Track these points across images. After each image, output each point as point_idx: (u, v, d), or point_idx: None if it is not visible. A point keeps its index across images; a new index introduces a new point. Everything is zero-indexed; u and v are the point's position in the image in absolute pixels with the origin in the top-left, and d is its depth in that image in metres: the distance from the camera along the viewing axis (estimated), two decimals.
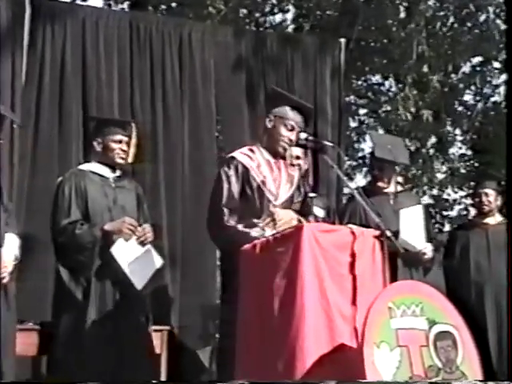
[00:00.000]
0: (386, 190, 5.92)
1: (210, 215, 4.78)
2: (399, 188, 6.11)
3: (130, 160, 5.53)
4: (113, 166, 5.44)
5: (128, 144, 5.48)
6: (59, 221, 5.19)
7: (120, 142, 5.42)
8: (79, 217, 5.22)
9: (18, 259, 5.04)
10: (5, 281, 4.85)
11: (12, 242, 5.01)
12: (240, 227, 4.53)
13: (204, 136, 7.32)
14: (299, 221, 4.61)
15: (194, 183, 7.07)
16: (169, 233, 6.94)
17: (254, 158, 4.81)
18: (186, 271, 6.99)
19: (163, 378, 6.13)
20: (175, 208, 7.07)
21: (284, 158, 5.02)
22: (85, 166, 5.49)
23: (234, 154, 4.85)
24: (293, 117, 4.80)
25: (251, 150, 4.87)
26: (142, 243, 5.22)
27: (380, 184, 5.92)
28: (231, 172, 4.72)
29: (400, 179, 6.52)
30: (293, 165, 5.62)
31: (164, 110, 7.18)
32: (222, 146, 7.49)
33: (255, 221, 4.57)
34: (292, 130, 4.79)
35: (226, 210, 4.61)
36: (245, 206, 4.66)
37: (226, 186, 4.69)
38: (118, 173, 5.49)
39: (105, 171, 5.42)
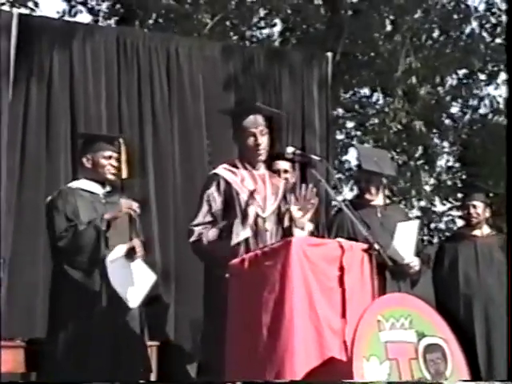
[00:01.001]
0: (373, 203, 5.92)
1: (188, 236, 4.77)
2: (387, 201, 6.12)
3: (123, 176, 5.51)
4: (102, 182, 5.42)
5: (118, 159, 5.46)
6: (59, 228, 5.13)
7: (110, 157, 5.40)
8: (76, 221, 5.18)
9: None
10: None
11: None
12: (204, 239, 4.55)
13: (194, 149, 7.31)
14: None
15: (185, 196, 7.03)
16: (161, 246, 6.91)
17: (237, 173, 4.81)
18: (179, 284, 6.95)
19: None
20: (167, 221, 7.05)
21: (270, 168, 5.04)
22: (73, 184, 5.45)
23: (216, 171, 4.85)
24: (249, 123, 4.81)
25: (234, 165, 4.87)
26: (132, 258, 5.19)
27: (367, 197, 5.92)
28: (213, 190, 4.72)
29: (387, 192, 6.54)
30: (278, 174, 5.67)
31: (153, 123, 7.18)
32: (211, 160, 7.47)
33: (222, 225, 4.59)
34: (253, 135, 4.81)
35: (194, 229, 4.61)
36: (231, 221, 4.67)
37: (205, 206, 4.69)
38: (107, 188, 5.47)
39: (94, 187, 5.40)
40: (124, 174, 5.49)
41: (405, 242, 5.54)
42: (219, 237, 4.54)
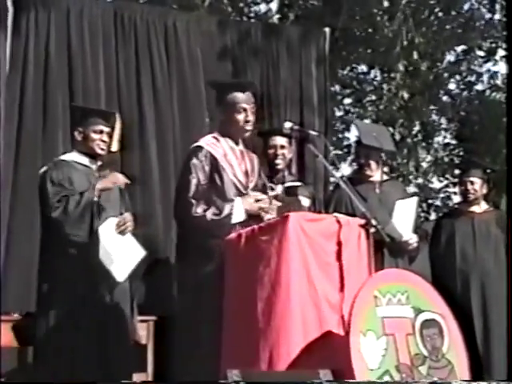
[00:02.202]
0: (371, 179, 5.92)
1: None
2: (385, 177, 6.12)
3: (114, 149, 5.50)
4: (94, 156, 5.41)
5: (110, 135, 5.44)
6: (52, 198, 5.12)
7: (101, 132, 5.37)
8: (70, 189, 5.17)
9: None
10: None
11: None
12: (209, 215, 4.56)
13: (195, 121, 7.27)
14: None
15: None
16: (164, 220, 6.88)
17: (219, 147, 4.82)
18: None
19: (150, 368, 6.12)
20: (169, 194, 7.00)
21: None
22: (66, 156, 5.44)
23: (200, 144, 4.85)
24: (242, 99, 4.82)
25: (215, 139, 4.88)
26: (122, 232, 5.18)
27: (366, 172, 5.92)
28: (198, 162, 4.72)
29: (385, 169, 6.53)
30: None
31: (153, 96, 7.15)
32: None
33: (223, 203, 4.61)
34: (245, 111, 4.81)
35: (193, 201, 4.62)
36: (214, 196, 4.67)
37: (193, 177, 4.70)
38: (99, 162, 5.46)
39: (87, 161, 5.39)
40: (114, 147, 5.48)
41: (403, 219, 5.55)
42: (219, 215, 4.55)
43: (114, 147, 5.51)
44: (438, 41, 11.71)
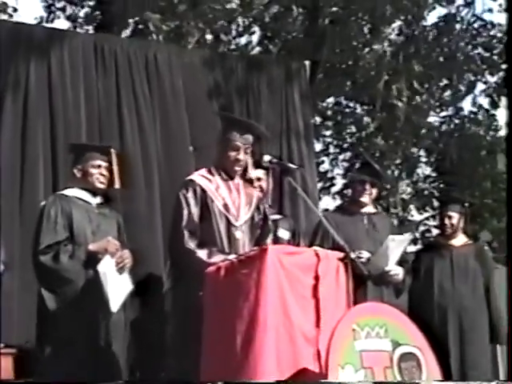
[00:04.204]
0: (363, 210, 5.94)
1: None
2: (374, 210, 6.14)
3: (116, 186, 5.50)
4: (94, 192, 5.41)
5: (108, 169, 5.46)
6: (43, 241, 5.10)
7: (99, 166, 5.38)
8: (64, 237, 5.15)
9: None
10: None
11: None
12: (199, 253, 4.57)
13: (178, 154, 7.28)
14: None
15: (172, 199, 6.92)
16: (150, 251, 6.85)
17: (212, 180, 4.83)
18: None
19: None
20: (155, 230, 6.99)
21: (244, 178, 5.07)
22: (68, 192, 5.43)
23: (192, 177, 4.87)
24: (238, 138, 4.84)
25: (209, 172, 4.90)
26: (121, 269, 5.18)
27: (361, 199, 5.93)
28: (189, 195, 4.75)
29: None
30: (252, 184, 5.70)
31: (137, 127, 7.15)
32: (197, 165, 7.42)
33: (215, 249, 4.61)
34: (237, 150, 4.83)
35: (186, 232, 4.64)
36: (205, 229, 4.69)
37: (185, 208, 4.72)
38: (99, 200, 5.46)
39: (87, 196, 5.39)
40: (117, 184, 5.49)
41: (391, 252, 5.57)
42: (209, 259, 4.55)
43: (117, 184, 5.50)
44: (420, 73, 11.83)
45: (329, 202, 13.73)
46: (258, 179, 5.86)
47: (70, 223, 5.21)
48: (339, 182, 14.09)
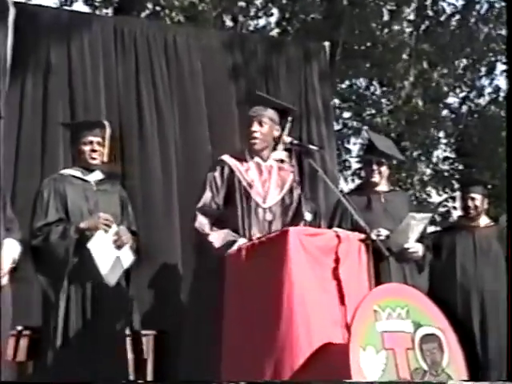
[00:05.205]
0: (377, 188, 5.93)
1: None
2: (390, 187, 6.14)
3: (104, 159, 5.49)
4: (89, 169, 5.42)
5: (101, 144, 5.45)
6: (35, 224, 5.16)
7: (91, 143, 5.39)
8: (56, 218, 5.19)
9: (16, 262, 4.93)
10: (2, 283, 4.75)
11: (11, 247, 4.89)
12: (210, 237, 4.62)
13: (196, 137, 7.26)
14: None
15: (188, 186, 6.94)
16: (166, 235, 6.86)
17: (243, 162, 4.86)
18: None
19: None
20: (171, 207, 6.99)
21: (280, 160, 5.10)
22: (65, 171, 5.48)
23: (223, 157, 4.93)
24: (265, 113, 4.86)
25: (242, 154, 4.93)
26: (119, 247, 5.19)
27: (374, 180, 5.92)
28: (217, 174, 4.79)
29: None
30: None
31: (156, 111, 7.13)
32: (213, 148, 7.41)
33: (230, 233, 4.64)
34: (260, 124, 4.85)
35: (199, 214, 4.71)
36: (229, 209, 4.71)
37: (207, 190, 4.76)
38: (99, 176, 5.47)
39: (85, 175, 5.40)
40: (105, 158, 5.49)
41: (411, 229, 5.55)
42: (216, 243, 4.60)
43: (105, 157, 5.49)
44: (440, 54, 11.77)
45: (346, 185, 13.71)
46: (281, 161, 5.86)
47: (65, 203, 5.24)
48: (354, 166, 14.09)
